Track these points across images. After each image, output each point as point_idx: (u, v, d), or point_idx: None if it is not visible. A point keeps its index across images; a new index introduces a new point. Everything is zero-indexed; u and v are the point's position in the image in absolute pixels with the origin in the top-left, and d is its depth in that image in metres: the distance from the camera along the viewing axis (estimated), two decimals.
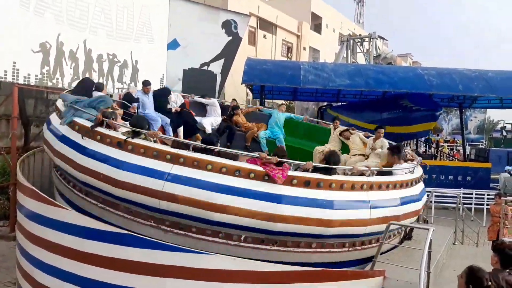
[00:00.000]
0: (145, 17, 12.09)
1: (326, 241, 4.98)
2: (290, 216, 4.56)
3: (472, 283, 3.27)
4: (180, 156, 4.70)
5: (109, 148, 4.97)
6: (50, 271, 4.84)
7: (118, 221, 5.02)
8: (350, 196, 4.89)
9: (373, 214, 4.93)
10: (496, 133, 32.51)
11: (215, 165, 4.65)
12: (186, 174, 4.60)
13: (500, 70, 15.97)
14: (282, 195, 4.60)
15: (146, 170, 4.67)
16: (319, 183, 4.74)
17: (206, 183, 4.56)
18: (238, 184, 4.58)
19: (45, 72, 9.61)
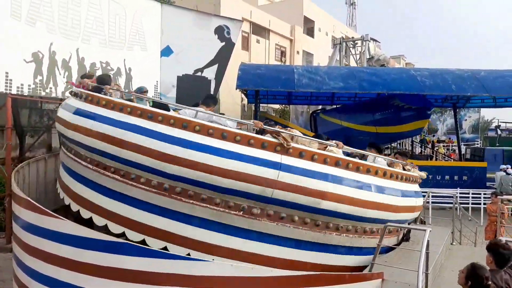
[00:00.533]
0: (137, 25, 12.10)
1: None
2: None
3: (472, 280, 3.30)
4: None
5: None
6: (47, 282, 4.81)
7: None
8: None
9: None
10: (491, 132, 32.69)
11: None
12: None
13: (492, 70, 16.09)
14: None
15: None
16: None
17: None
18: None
19: (38, 82, 9.58)
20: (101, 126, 5.13)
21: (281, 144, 4.84)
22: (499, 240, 3.91)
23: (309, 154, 4.93)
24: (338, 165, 5.04)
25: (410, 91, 14.68)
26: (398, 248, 6.02)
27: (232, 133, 4.82)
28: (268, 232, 4.90)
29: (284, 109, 25.68)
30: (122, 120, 5.05)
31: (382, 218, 5.29)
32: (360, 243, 5.43)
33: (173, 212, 4.88)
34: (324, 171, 4.90)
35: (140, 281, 4.28)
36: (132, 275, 4.28)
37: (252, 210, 4.82)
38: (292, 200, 4.76)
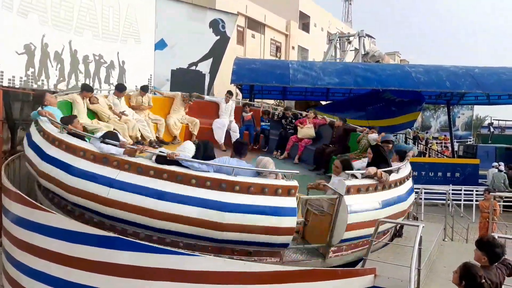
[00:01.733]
0: (131, 17, 11.97)
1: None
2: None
3: (465, 279, 3.31)
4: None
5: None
6: (37, 276, 4.76)
7: None
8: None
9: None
10: (484, 130, 32.89)
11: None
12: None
13: (486, 67, 16.15)
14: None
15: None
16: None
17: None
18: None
19: (30, 74, 9.45)
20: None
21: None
22: (491, 237, 3.91)
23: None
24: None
25: (405, 88, 14.71)
26: (391, 244, 6.04)
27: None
28: None
29: (278, 104, 25.66)
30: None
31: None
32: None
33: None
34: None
35: (132, 275, 4.24)
36: (124, 270, 4.24)
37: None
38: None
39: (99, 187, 4.63)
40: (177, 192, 4.48)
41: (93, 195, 4.65)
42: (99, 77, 11.20)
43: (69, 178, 4.83)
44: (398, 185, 5.62)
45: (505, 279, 3.74)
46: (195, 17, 13.56)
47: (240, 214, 4.42)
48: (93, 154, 4.85)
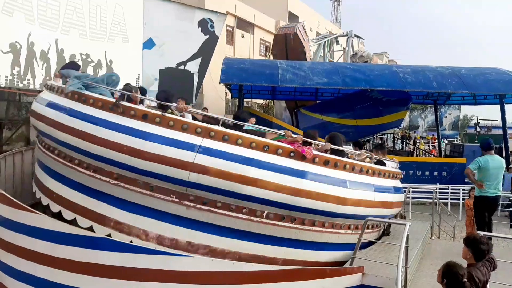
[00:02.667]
0: (119, 16, 11.87)
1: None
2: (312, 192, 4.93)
3: (447, 278, 3.36)
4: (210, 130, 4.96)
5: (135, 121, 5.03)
6: (22, 278, 4.70)
7: (132, 197, 5.00)
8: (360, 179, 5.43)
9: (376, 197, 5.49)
10: (470, 129, 33.29)
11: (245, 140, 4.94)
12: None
13: (472, 67, 16.32)
14: (306, 171, 4.98)
15: (177, 143, 4.83)
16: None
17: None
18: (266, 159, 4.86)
19: (15, 73, 9.33)
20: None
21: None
22: (477, 234, 3.96)
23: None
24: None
25: (393, 88, 14.80)
26: (379, 243, 6.08)
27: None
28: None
29: (268, 105, 25.66)
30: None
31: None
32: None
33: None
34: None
35: (118, 276, 4.22)
36: (110, 270, 4.21)
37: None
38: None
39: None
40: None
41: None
42: None
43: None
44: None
45: (490, 275, 3.79)
46: (183, 17, 13.49)
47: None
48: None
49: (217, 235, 4.85)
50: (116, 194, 5.01)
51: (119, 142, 4.83)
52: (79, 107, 5.29)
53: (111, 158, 4.89)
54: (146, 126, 4.93)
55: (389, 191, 5.96)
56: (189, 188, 4.80)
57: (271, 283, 4.25)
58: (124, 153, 4.81)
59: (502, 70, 15.75)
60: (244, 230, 4.95)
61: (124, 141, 4.83)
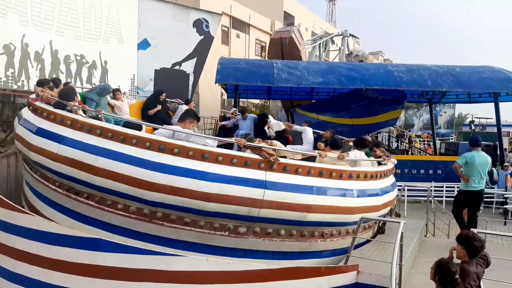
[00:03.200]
0: (113, 17, 11.86)
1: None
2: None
3: (439, 274, 3.39)
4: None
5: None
6: (17, 280, 4.68)
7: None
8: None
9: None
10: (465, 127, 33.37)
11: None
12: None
13: (467, 66, 16.40)
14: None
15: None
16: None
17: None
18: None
19: (9, 74, 9.32)
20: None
21: (265, 161, 4.78)
22: (470, 231, 3.99)
23: (293, 167, 4.95)
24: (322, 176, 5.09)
25: (388, 86, 14.87)
26: (374, 241, 6.11)
27: (214, 153, 4.74)
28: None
29: (264, 104, 25.68)
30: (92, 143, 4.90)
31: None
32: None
33: (155, 237, 4.85)
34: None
35: (115, 277, 4.21)
36: (107, 272, 4.20)
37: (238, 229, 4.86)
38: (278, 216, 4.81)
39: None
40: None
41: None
42: (81, 77, 11.09)
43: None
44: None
45: (484, 272, 3.82)
46: (178, 17, 13.49)
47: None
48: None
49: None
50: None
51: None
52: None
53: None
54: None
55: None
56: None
57: (267, 282, 4.27)
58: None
59: (496, 68, 15.85)
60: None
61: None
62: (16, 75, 9.46)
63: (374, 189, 5.67)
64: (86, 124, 5.08)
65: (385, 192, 5.93)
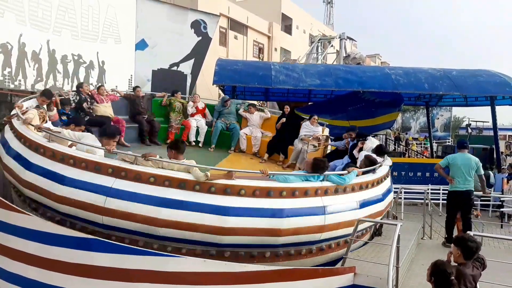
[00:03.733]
0: (111, 17, 11.85)
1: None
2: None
3: (435, 276, 3.40)
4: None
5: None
6: (13, 280, 4.65)
7: None
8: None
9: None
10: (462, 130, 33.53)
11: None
12: None
13: (464, 69, 16.45)
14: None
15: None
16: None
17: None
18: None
19: (6, 74, 9.28)
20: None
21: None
22: (466, 234, 4.00)
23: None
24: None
25: (385, 89, 14.90)
26: (371, 243, 6.11)
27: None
28: None
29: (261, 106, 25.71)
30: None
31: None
32: None
33: None
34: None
35: (110, 277, 4.19)
36: (102, 272, 4.19)
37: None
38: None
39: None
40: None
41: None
42: (78, 77, 11.06)
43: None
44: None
45: (481, 275, 3.83)
46: (176, 18, 13.50)
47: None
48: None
49: None
50: None
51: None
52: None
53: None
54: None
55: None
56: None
57: (263, 283, 4.26)
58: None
59: (492, 72, 15.90)
60: None
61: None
62: (13, 74, 9.43)
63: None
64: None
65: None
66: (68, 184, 4.71)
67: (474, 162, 7.12)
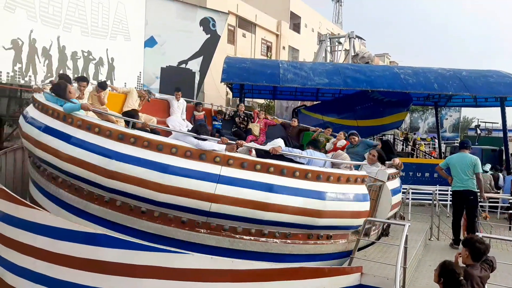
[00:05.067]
0: (121, 14, 11.90)
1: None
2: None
3: (444, 277, 3.38)
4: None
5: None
6: (21, 273, 4.70)
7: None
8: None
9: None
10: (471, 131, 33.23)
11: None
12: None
13: (473, 69, 16.32)
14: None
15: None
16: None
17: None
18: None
19: (17, 69, 9.36)
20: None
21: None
22: (475, 235, 3.98)
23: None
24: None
25: (393, 89, 14.81)
26: (378, 243, 6.09)
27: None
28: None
29: (269, 104, 25.68)
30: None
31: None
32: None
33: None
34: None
35: (117, 273, 4.22)
36: (110, 267, 4.21)
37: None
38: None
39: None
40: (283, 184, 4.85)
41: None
42: (88, 73, 11.12)
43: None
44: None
45: (489, 276, 3.80)
46: (185, 15, 13.52)
47: (337, 202, 5.06)
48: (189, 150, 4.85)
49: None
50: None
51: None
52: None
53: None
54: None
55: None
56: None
57: (270, 281, 4.26)
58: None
59: (503, 73, 15.75)
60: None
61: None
62: (24, 70, 9.50)
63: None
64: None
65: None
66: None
67: (470, 161, 7.07)
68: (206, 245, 4.94)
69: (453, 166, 7.20)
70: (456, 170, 7.13)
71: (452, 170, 7.21)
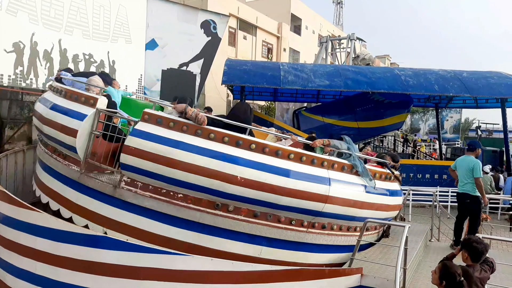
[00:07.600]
0: (122, 17, 11.94)
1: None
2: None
3: (445, 279, 3.36)
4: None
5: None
6: (23, 276, 4.72)
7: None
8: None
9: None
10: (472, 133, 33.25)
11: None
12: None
13: (474, 71, 16.33)
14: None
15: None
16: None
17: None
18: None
19: (18, 72, 9.40)
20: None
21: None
22: (474, 236, 3.98)
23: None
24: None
25: (394, 90, 14.83)
26: (378, 244, 6.10)
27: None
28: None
29: (269, 106, 25.72)
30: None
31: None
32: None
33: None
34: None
35: (118, 275, 4.23)
36: (112, 269, 4.23)
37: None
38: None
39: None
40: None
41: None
42: None
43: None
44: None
45: (489, 277, 3.81)
46: (186, 18, 13.55)
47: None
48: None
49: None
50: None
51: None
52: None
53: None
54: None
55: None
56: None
57: (271, 283, 4.27)
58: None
59: (504, 74, 15.76)
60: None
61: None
62: (25, 73, 9.55)
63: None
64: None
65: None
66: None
67: (470, 165, 7.05)
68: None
69: (457, 168, 7.33)
70: (459, 173, 7.25)
71: (458, 173, 7.31)
